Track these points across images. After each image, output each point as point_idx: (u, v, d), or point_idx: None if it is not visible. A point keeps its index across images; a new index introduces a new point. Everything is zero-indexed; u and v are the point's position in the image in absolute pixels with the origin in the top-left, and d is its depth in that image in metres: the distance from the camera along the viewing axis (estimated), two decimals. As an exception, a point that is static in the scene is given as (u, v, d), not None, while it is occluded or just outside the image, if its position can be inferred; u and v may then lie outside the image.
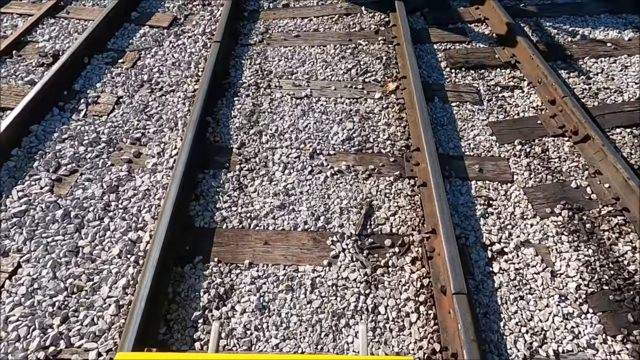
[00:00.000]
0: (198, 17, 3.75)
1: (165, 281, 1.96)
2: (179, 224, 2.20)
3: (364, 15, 3.73)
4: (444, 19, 3.66)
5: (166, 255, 1.98)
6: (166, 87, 3.06)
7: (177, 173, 2.30)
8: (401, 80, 3.04)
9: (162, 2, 3.94)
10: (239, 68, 3.22)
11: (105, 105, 2.91)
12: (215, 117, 2.82)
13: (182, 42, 3.47)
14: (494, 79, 3.10)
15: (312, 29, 3.60)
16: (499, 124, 2.75)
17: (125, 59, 3.29)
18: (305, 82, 3.07)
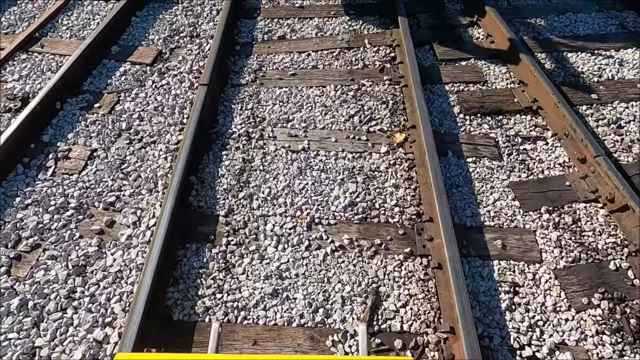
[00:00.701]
0: (185, 51, 3.48)
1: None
2: (153, 319, 1.92)
3: (367, 50, 3.46)
4: (456, 53, 3.39)
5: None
6: (147, 137, 2.79)
7: (153, 252, 2.04)
8: (410, 131, 2.77)
9: (145, 34, 3.68)
10: (228, 114, 2.95)
11: (76, 161, 2.64)
12: (200, 177, 2.55)
13: (167, 81, 3.21)
14: (514, 127, 2.83)
15: (311, 66, 3.33)
16: (521, 185, 2.48)
17: (102, 103, 3.03)
18: (303, 131, 2.80)
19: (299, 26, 3.77)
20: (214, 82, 3.09)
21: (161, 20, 3.82)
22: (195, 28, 3.73)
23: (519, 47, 3.19)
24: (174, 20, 3.83)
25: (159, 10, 3.95)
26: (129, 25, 3.76)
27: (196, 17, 3.86)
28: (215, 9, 3.96)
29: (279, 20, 3.85)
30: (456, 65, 3.30)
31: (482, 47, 3.46)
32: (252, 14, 3.91)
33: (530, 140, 2.75)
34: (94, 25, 3.79)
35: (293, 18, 3.86)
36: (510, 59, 3.26)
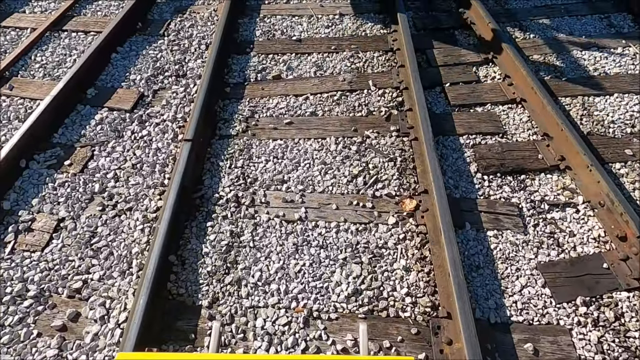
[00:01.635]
0: (170, 94, 3.22)
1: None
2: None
3: (372, 93, 3.19)
4: (470, 97, 3.13)
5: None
6: (122, 202, 2.52)
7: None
8: (422, 196, 2.49)
9: (126, 73, 3.41)
10: (215, 173, 2.67)
11: (40, 235, 2.36)
12: (181, 256, 2.27)
13: (147, 132, 2.94)
14: (539, 190, 2.55)
15: (309, 112, 3.07)
16: (552, 267, 2.20)
17: (74, 160, 2.75)
18: (299, 196, 2.52)
19: (296, 63, 3.51)
20: (200, 133, 2.82)
21: (144, 57, 3.56)
22: (182, 66, 3.47)
23: (541, 91, 2.92)
24: (158, 56, 3.57)
25: (142, 45, 3.69)
26: (109, 63, 3.49)
27: (183, 52, 3.60)
28: (204, 43, 3.70)
29: (274, 56, 3.59)
30: (471, 113, 3.03)
31: (499, 90, 3.19)
32: (244, 49, 3.65)
33: (558, 207, 2.48)
34: (70, 62, 3.52)
35: (290, 53, 3.60)
36: (532, 105, 3.00)
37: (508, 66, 3.29)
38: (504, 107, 3.09)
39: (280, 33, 3.85)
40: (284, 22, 3.96)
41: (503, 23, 3.89)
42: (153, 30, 3.85)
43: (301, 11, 4.10)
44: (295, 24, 3.94)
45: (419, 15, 4.02)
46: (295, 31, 3.86)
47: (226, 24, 3.73)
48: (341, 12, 4.06)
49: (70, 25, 3.94)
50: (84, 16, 4.07)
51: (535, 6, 4.07)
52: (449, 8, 4.07)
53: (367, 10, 4.08)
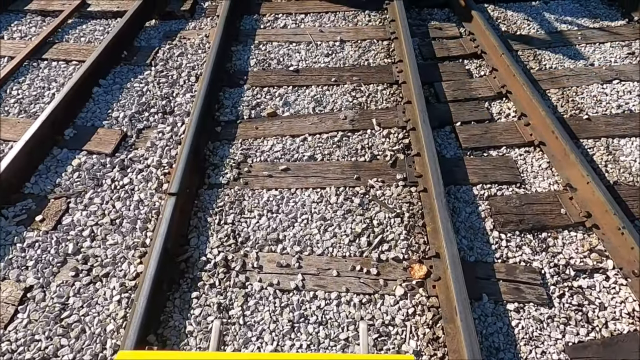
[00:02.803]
0: (155, 134, 3.00)
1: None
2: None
3: (376, 134, 2.98)
4: (484, 139, 2.92)
5: None
6: (98, 267, 2.30)
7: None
8: (432, 261, 2.27)
9: (108, 109, 3.20)
10: (203, 231, 2.45)
11: (4, 308, 2.14)
12: (161, 335, 2.05)
13: (129, 180, 2.72)
14: (563, 252, 2.33)
15: (307, 156, 2.85)
16: (582, 350, 1.98)
17: (47, 214, 2.54)
18: (296, 259, 2.31)
19: (293, 97, 3.30)
20: (187, 183, 2.60)
21: (129, 91, 3.35)
22: (169, 101, 3.26)
23: (562, 135, 2.71)
24: (144, 90, 3.36)
25: (126, 77, 3.48)
26: (90, 98, 3.29)
27: (171, 85, 3.39)
28: (194, 74, 3.49)
29: (269, 90, 3.38)
30: (485, 158, 2.82)
31: (515, 130, 2.98)
32: (238, 81, 3.44)
33: (585, 273, 2.26)
34: (48, 97, 3.31)
35: (286, 86, 3.39)
36: (552, 150, 2.79)
37: (524, 103, 3.08)
38: (520, 150, 2.88)
39: (277, 62, 3.64)
40: (281, 50, 3.75)
41: (516, 51, 3.68)
42: (139, 60, 3.64)
43: (299, 37, 3.89)
44: (292, 51, 3.74)
45: (425, 41, 3.81)
46: (293, 60, 3.65)
47: (218, 52, 3.53)
48: (342, 37, 3.85)
49: (51, 53, 3.73)
50: (66, 43, 3.86)
51: (550, 32, 3.87)
52: (457, 34, 3.86)
53: (370, 36, 3.87)
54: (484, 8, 4.22)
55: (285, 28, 4.03)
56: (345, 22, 4.08)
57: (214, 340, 1.62)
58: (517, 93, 3.16)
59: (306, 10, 4.22)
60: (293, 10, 4.23)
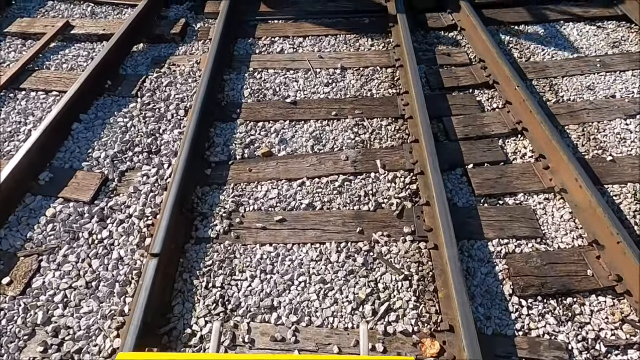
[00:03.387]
0: (139, 178, 2.78)
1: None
2: None
3: (380, 178, 2.76)
4: (499, 184, 2.70)
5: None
6: (69, 341, 2.08)
7: None
8: (445, 335, 2.04)
9: (89, 149, 2.98)
10: (188, 297, 2.23)
11: (-40, 394, 1.90)
12: None
13: (109, 233, 2.50)
14: (591, 322, 2.12)
15: (305, 204, 2.63)
16: None
17: (15, 275, 2.32)
18: (292, 331, 2.09)
19: (290, 134, 3.08)
20: (172, 239, 2.38)
21: (112, 127, 3.13)
22: (156, 139, 3.04)
23: (587, 183, 2.48)
24: (128, 125, 3.14)
25: (110, 110, 3.27)
26: (69, 135, 3.07)
27: (158, 119, 3.17)
28: (183, 107, 3.27)
29: (264, 125, 3.16)
30: (501, 207, 2.60)
31: (532, 173, 2.76)
32: (230, 115, 3.23)
33: (618, 349, 2.03)
34: (24, 134, 3.09)
35: (283, 120, 3.18)
36: (575, 198, 2.57)
37: (542, 143, 2.86)
38: (539, 197, 2.66)
39: (273, 92, 3.42)
40: (277, 78, 3.53)
41: (530, 80, 3.46)
42: (124, 90, 3.42)
43: (297, 63, 3.68)
44: (289, 80, 3.52)
45: (432, 69, 3.60)
46: (290, 90, 3.43)
47: (209, 81, 3.31)
48: (343, 64, 3.64)
49: (29, 82, 3.52)
50: (46, 70, 3.65)
51: (566, 58, 3.65)
52: (467, 61, 3.64)
53: (373, 63, 3.65)
54: (494, 31, 4.01)
55: (282, 53, 3.81)
56: (347, 46, 3.87)
57: (214, 342, 1.68)
58: (534, 131, 2.94)
59: (304, 33, 4.01)
60: (290, 33, 4.02)
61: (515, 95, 3.13)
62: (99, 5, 4.45)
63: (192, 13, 4.34)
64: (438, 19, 4.13)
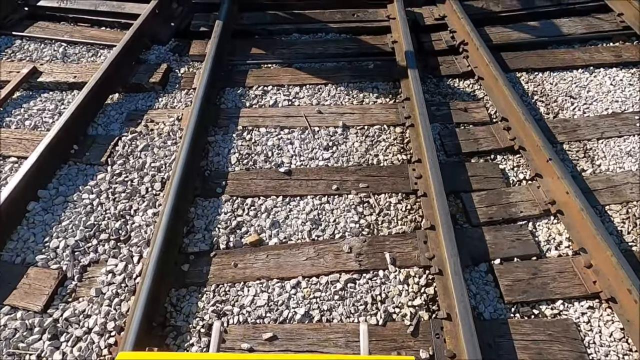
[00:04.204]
0: (103, 276, 2.39)
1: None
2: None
3: (390, 277, 2.37)
4: (534, 288, 2.32)
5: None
6: None
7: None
8: None
9: (45, 237, 2.59)
10: None
11: None
12: None
13: (62, 355, 2.09)
14: None
15: (300, 315, 2.25)
16: None
17: (-59, 421, 1.90)
18: None
19: (284, 214, 2.69)
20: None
21: (75, 207, 2.74)
22: (126, 222, 2.65)
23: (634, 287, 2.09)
24: (95, 204, 2.75)
25: (74, 183, 2.87)
26: (23, 219, 2.67)
27: (130, 196, 2.78)
28: (159, 178, 2.88)
29: (253, 202, 2.77)
30: (537, 320, 2.20)
31: (572, 273, 2.37)
32: (214, 188, 2.84)
33: None
34: (-28, 215, 2.69)
35: (275, 196, 2.79)
36: (626, 309, 2.17)
37: (582, 234, 2.46)
38: (582, 306, 2.26)
39: (264, 158, 3.03)
40: (270, 140, 3.15)
41: (562, 144, 3.08)
42: (93, 156, 3.04)
43: (292, 120, 3.29)
44: (284, 142, 3.14)
45: (448, 128, 3.21)
46: (284, 155, 3.05)
47: (191, 145, 2.94)
48: (345, 122, 3.25)
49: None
50: (6, 129, 3.27)
51: (600, 115, 3.27)
52: (487, 118, 3.25)
53: (379, 120, 3.27)
54: (516, 78, 3.62)
55: (276, 107, 3.43)
56: (349, 98, 3.48)
57: (214, 342, 1.74)
58: (571, 215, 2.55)
59: (301, 81, 3.63)
60: (286, 81, 3.63)
61: (547, 168, 2.74)
62: (72, 45, 4.07)
63: (175, 55, 3.95)
64: (452, 64, 3.74)
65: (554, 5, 4.24)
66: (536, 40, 3.94)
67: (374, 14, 4.27)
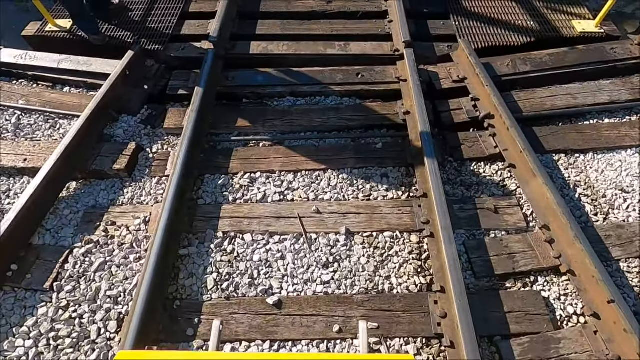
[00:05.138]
0: None
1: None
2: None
3: None
4: None
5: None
6: None
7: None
8: None
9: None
10: None
11: None
12: None
13: None
14: None
15: None
16: None
17: None
18: None
19: (272, 371, 2.12)
20: None
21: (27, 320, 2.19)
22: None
23: None
24: (30, 356, 2.19)
25: (7, 322, 2.35)
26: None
27: (76, 343, 2.24)
28: (115, 315, 2.34)
29: (233, 349, 2.21)
30: None
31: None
32: (184, 329, 2.33)
33: None
34: None
35: (261, 341, 2.26)
36: None
37: None
38: None
39: (249, 280, 2.50)
40: (256, 252, 2.62)
41: (618, 261, 2.54)
42: (35, 279, 2.51)
43: (284, 223, 2.77)
44: (273, 255, 2.61)
45: (476, 238, 2.67)
46: (274, 277, 2.52)
47: (159, 262, 2.42)
48: (349, 226, 2.72)
49: None
50: None
51: (662, 218, 2.72)
52: (523, 223, 2.71)
53: (390, 224, 2.74)
54: (553, 162, 3.09)
55: (264, 202, 2.90)
56: (353, 190, 2.95)
57: (214, 340, 1.82)
58: None
59: (296, 166, 3.10)
60: (277, 166, 3.10)
61: (607, 309, 2.19)
62: (28, 114, 3.55)
63: (147, 128, 3.43)
64: (476, 143, 3.21)
65: (590, 63, 3.71)
66: (574, 109, 3.41)
67: (381, 74, 3.75)
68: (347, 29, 4.25)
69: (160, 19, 4.35)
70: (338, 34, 4.20)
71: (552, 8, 4.29)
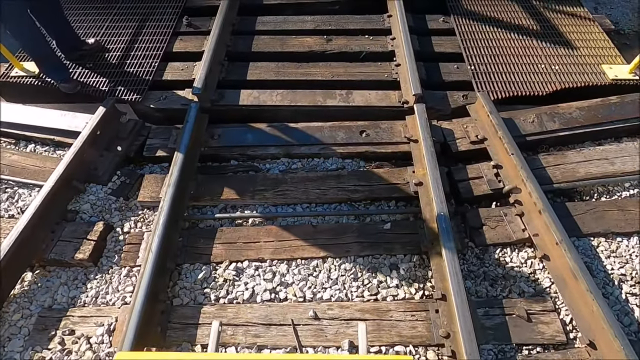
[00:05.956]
0: None
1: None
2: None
3: None
4: None
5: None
6: None
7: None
8: None
9: None
10: None
11: None
12: None
13: None
14: None
15: None
16: None
17: None
18: None
19: None
20: None
21: None
22: None
23: None
24: None
25: None
26: None
27: None
28: None
29: None
30: None
31: None
32: None
33: None
34: None
35: None
36: None
37: None
38: None
39: None
40: (241, 375, 2.18)
41: (681, 392, 2.11)
42: (-29, 415, 2.07)
43: (275, 332, 2.37)
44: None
45: (505, 356, 2.24)
46: (262, 410, 2.08)
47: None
48: (353, 339, 2.29)
49: None
50: None
51: None
52: (561, 335, 2.29)
53: (403, 336, 2.32)
54: (591, 247, 2.68)
55: (252, 303, 2.49)
56: (358, 286, 2.56)
57: (213, 341, 1.90)
58: None
59: (290, 253, 2.70)
60: (268, 253, 2.70)
61: None
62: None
63: (119, 200, 3.02)
64: (500, 224, 2.80)
65: (627, 119, 3.31)
66: (612, 178, 3.00)
67: (388, 132, 3.34)
68: (349, 73, 3.86)
69: (140, 61, 3.96)
70: (339, 79, 3.80)
71: (577, 50, 3.89)
